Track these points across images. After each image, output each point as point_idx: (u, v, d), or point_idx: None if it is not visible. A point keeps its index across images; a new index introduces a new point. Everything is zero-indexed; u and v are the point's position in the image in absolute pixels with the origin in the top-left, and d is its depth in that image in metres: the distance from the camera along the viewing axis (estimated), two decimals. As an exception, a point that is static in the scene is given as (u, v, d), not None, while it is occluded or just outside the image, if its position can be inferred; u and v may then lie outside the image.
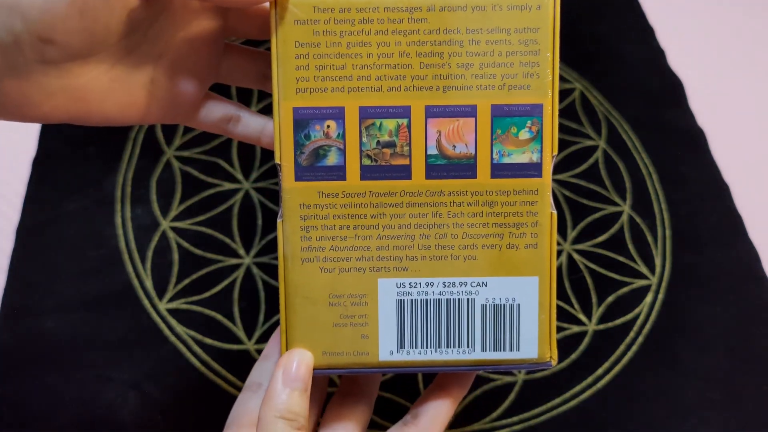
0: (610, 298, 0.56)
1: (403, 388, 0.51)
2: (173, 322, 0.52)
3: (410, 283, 0.30)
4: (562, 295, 0.56)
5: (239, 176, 0.60)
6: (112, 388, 0.48)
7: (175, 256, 0.55)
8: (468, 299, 0.30)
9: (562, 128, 0.66)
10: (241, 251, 0.56)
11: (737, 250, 0.60)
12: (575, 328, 0.55)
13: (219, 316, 0.53)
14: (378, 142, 0.29)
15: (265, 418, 0.28)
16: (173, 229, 0.57)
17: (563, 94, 0.69)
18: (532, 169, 0.29)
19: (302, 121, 0.29)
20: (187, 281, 0.54)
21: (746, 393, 0.52)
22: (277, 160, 0.29)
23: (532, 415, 0.50)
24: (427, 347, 0.30)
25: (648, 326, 0.55)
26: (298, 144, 0.29)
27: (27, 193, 0.57)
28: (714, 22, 0.80)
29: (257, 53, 0.32)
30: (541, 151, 0.29)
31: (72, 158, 0.59)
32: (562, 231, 0.60)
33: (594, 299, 0.56)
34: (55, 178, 0.58)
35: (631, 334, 0.55)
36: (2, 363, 0.49)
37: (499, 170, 0.29)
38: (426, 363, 0.30)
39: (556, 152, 0.30)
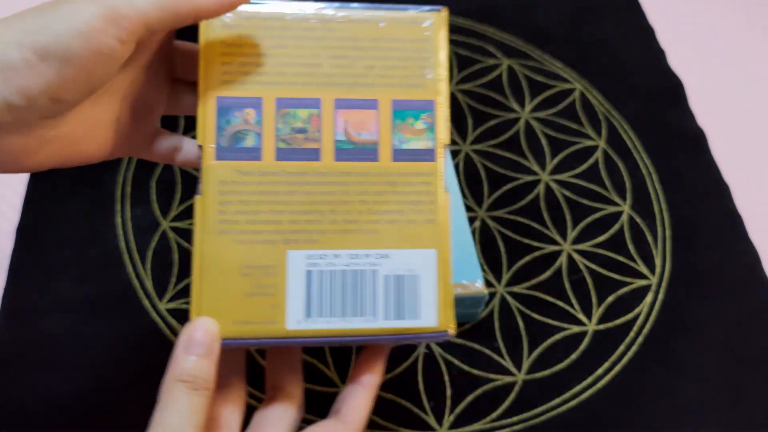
0: (610, 298, 0.57)
1: (404, 389, 0.51)
2: (173, 322, 0.52)
3: (319, 255, 0.32)
4: (562, 295, 0.56)
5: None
6: (113, 388, 0.48)
7: (175, 257, 0.55)
8: (372, 270, 0.32)
9: (563, 128, 0.67)
10: (241, 251, 0.56)
11: (737, 250, 0.60)
12: (575, 328, 0.55)
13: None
14: (292, 128, 0.33)
15: (166, 383, 0.29)
16: (173, 229, 0.57)
17: (565, 93, 0.69)
18: (427, 155, 0.33)
19: (224, 108, 0.32)
20: (187, 281, 0.54)
21: (746, 393, 0.52)
22: (199, 142, 0.32)
23: (532, 415, 0.50)
24: (332, 316, 0.32)
25: (648, 326, 0.55)
26: (220, 128, 0.32)
27: (27, 193, 0.57)
28: (714, 22, 0.80)
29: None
30: (435, 140, 0.33)
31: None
32: (562, 231, 0.60)
33: (594, 299, 0.56)
34: (54, 178, 0.58)
35: (631, 334, 0.55)
36: (2, 362, 0.49)
37: (399, 155, 0.33)
38: (332, 332, 0.32)
39: (448, 141, 0.34)
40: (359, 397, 0.33)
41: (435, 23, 0.34)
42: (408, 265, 0.33)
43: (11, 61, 0.28)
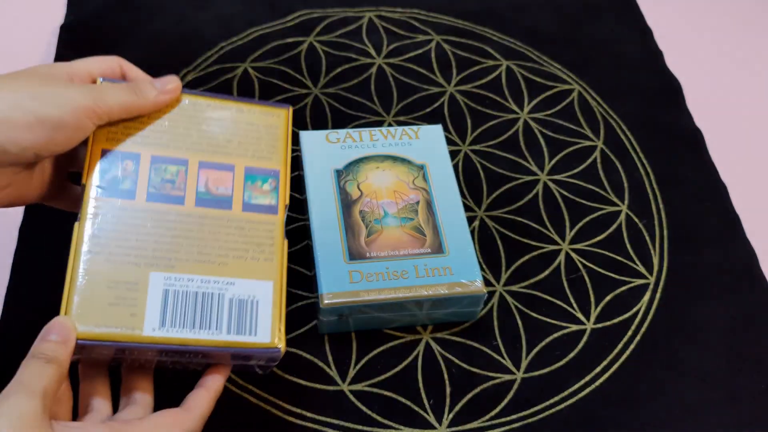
0: (608, 298, 0.57)
1: (404, 387, 0.51)
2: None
3: (175, 278, 0.39)
4: (560, 294, 0.57)
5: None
6: (113, 388, 0.49)
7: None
8: (219, 293, 0.39)
9: (561, 129, 0.67)
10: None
11: (735, 249, 0.61)
12: (573, 327, 0.55)
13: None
14: (162, 179, 0.41)
15: (24, 361, 0.35)
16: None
17: (563, 94, 0.70)
18: (271, 209, 0.42)
19: (107, 158, 0.40)
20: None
21: (744, 392, 0.53)
22: (83, 182, 0.40)
23: (530, 413, 0.51)
24: (183, 327, 0.38)
25: (646, 325, 0.56)
26: (102, 172, 0.40)
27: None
28: (711, 23, 0.80)
29: None
30: (278, 199, 0.42)
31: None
32: (560, 231, 0.60)
33: (592, 298, 0.57)
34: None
35: (629, 333, 0.55)
36: (5, 362, 0.49)
37: (248, 207, 0.42)
38: (183, 341, 0.38)
39: (287, 202, 0.43)
40: (202, 396, 0.39)
41: (283, 115, 0.45)
42: (249, 292, 0.39)
43: (14, 119, 0.36)
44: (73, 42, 0.68)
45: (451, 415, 0.50)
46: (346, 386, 0.51)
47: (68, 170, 0.45)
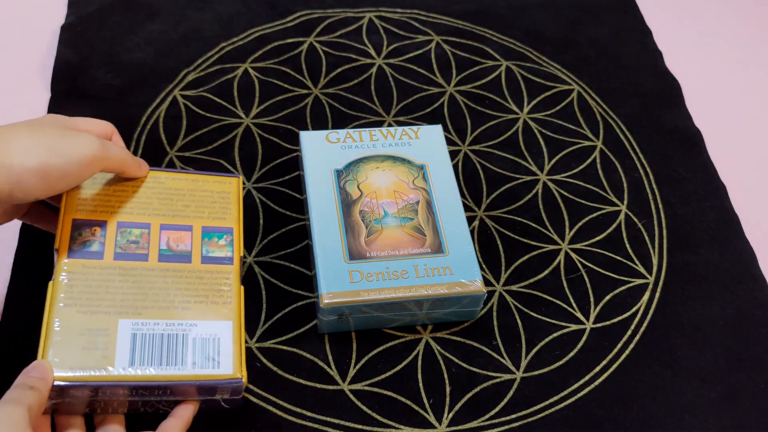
0: (607, 297, 0.57)
1: (404, 386, 0.51)
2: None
3: (142, 323, 0.43)
4: (560, 293, 0.57)
5: (243, 178, 0.61)
6: None
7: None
8: (183, 334, 0.43)
9: (561, 129, 0.67)
10: (243, 251, 0.57)
11: (733, 249, 0.61)
12: (573, 327, 0.55)
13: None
14: (128, 240, 0.46)
15: (7, 392, 0.38)
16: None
17: (562, 94, 0.70)
18: (228, 261, 0.47)
19: (77, 226, 0.45)
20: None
21: (743, 391, 0.53)
22: (56, 246, 0.44)
23: (530, 412, 0.51)
24: (151, 364, 0.42)
25: (645, 325, 0.56)
26: (72, 238, 0.44)
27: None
28: (711, 23, 0.80)
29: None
30: (233, 252, 0.47)
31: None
32: (560, 230, 0.60)
33: (591, 298, 0.57)
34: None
35: (629, 333, 0.55)
36: (5, 362, 0.49)
37: (206, 260, 0.46)
38: (151, 377, 0.41)
39: (242, 254, 0.48)
40: (174, 422, 0.43)
41: (234, 182, 0.51)
42: (211, 331, 0.44)
43: (27, 167, 0.39)
44: (74, 42, 0.68)
45: (450, 415, 0.50)
46: (346, 386, 0.51)
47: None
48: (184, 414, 0.43)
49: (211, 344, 0.43)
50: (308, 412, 0.50)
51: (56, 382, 0.40)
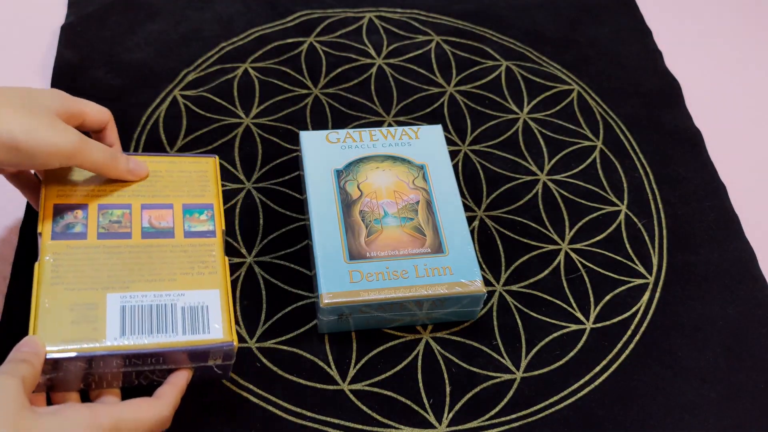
0: (607, 297, 0.57)
1: (404, 386, 0.51)
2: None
3: (130, 296, 0.44)
4: (560, 293, 0.57)
5: (241, 176, 0.61)
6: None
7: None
8: (172, 304, 0.44)
9: (561, 129, 0.67)
10: (243, 250, 0.57)
11: (733, 249, 0.61)
12: (573, 327, 0.55)
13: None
14: (110, 221, 0.47)
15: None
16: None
17: (562, 94, 0.70)
18: (210, 234, 0.48)
19: (58, 210, 0.46)
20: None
21: (742, 391, 0.53)
22: (39, 230, 0.45)
23: (530, 412, 0.51)
24: (142, 334, 0.42)
25: (645, 325, 0.56)
26: (55, 222, 0.45)
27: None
28: (711, 23, 0.80)
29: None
30: (214, 226, 0.48)
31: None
32: (560, 230, 0.60)
33: (591, 298, 0.57)
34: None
35: (629, 333, 0.55)
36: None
37: (189, 234, 0.47)
38: (142, 346, 0.42)
39: (224, 228, 0.49)
40: (169, 389, 0.43)
41: (211, 162, 0.52)
42: (199, 299, 0.45)
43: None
44: (74, 42, 0.68)
45: (450, 415, 0.50)
46: (346, 386, 0.51)
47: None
48: (178, 381, 0.44)
49: (200, 312, 0.44)
50: (308, 412, 0.50)
51: (49, 355, 0.40)
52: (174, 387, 0.43)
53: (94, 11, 0.70)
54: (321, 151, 0.58)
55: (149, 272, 0.45)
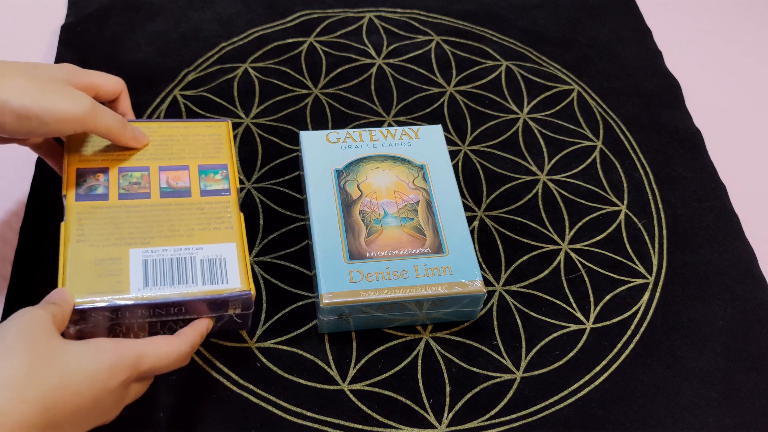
0: (607, 297, 0.57)
1: (404, 386, 0.51)
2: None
3: (151, 251, 0.46)
4: (560, 293, 0.57)
5: (241, 176, 0.61)
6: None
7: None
8: (191, 257, 0.46)
9: (561, 129, 0.67)
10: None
11: (734, 249, 0.61)
12: (573, 327, 0.55)
13: (221, 315, 0.53)
14: (129, 182, 0.49)
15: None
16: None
17: (562, 94, 0.70)
18: (225, 192, 0.50)
19: (81, 174, 0.49)
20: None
21: (742, 391, 0.53)
22: (63, 192, 0.48)
23: (530, 412, 0.51)
24: (164, 285, 0.45)
25: (645, 325, 0.56)
26: (78, 185, 0.48)
27: (31, 191, 0.58)
28: (710, 23, 0.80)
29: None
30: (229, 184, 0.50)
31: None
32: (560, 230, 0.60)
33: (591, 298, 0.57)
34: (59, 179, 0.59)
35: (628, 333, 0.55)
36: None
37: (205, 193, 0.50)
38: (165, 296, 0.44)
39: (238, 186, 0.51)
40: (189, 330, 0.45)
41: (224, 126, 0.54)
42: (217, 252, 0.47)
43: (10, 106, 0.42)
44: (74, 42, 0.68)
45: (450, 415, 0.50)
46: (347, 386, 0.51)
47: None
48: (197, 324, 0.46)
49: (218, 263, 0.46)
50: (308, 412, 0.50)
51: (78, 306, 0.43)
52: (193, 329, 0.45)
53: (94, 11, 0.70)
54: (321, 151, 0.58)
55: (168, 229, 0.47)
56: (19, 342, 0.37)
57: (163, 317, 0.45)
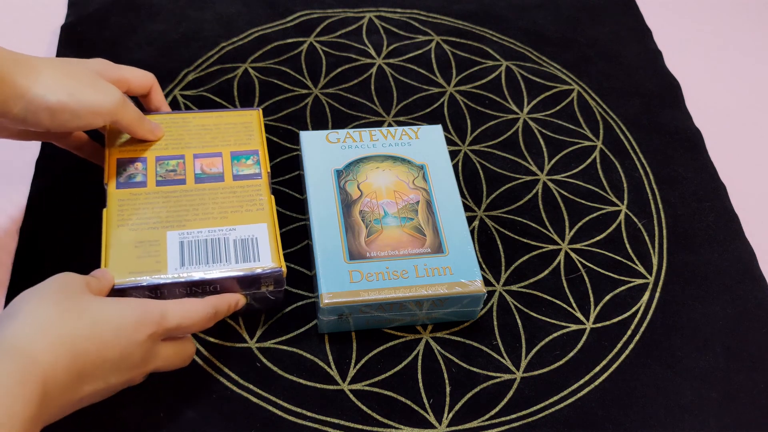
0: (607, 297, 0.57)
1: (404, 386, 0.51)
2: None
3: (187, 233, 0.49)
4: (560, 293, 0.57)
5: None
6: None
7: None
8: (224, 237, 0.49)
9: (561, 129, 0.67)
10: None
11: (734, 249, 0.61)
12: (573, 327, 0.55)
13: (221, 315, 0.53)
14: (166, 170, 0.52)
15: None
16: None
17: (562, 94, 0.70)
18: (257, 176, 0.53)
19: (121, 164, 0.52)
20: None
21: (742, 391, 0.53)
22: (105, 181, 0.51)
23: (530, 412, 0.51)
24: (199, 264, 0.48)
25: (645, 325, 0.56)
26: (119, 174, 0.52)
27: (31, 191, 0.58)
28: (711, 23, 0.80)
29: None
30: (260, 169, 0.53)
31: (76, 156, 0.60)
32: (560, 230, 0.60)
33: (591, 298, 0.57)
34: (58, 179, 0.59)
35: (628, 333, 0.55)
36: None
37: (238, 177, 0.53)
38: (200, 274, 0.47)
39: (269, 170, 0.54)
40: (214, 297, 0.47)
41: (255, 114, 0.57)
42: (249, 233, 0.50)
43: (45, 102, 0.44)
44: (74, 42, 0.68)
45: (450, 415, 0.50)
46: (347, 386, 0.51)
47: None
48: (226, 294, 0.48)
49: (251, 243, 0.49)
50: (308, 412, 0.50)
51: (118, 285, 0.46)
52: (220, 296, 0.47)
53: (94, 11, 0.70)
54: (321, 151, 0.58)
55: (203, 212, 0.50)
56: (53, 294, 0.40)
57: (199, 295, 0.48)
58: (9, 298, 0.52)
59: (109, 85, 0.48)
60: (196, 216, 0.50)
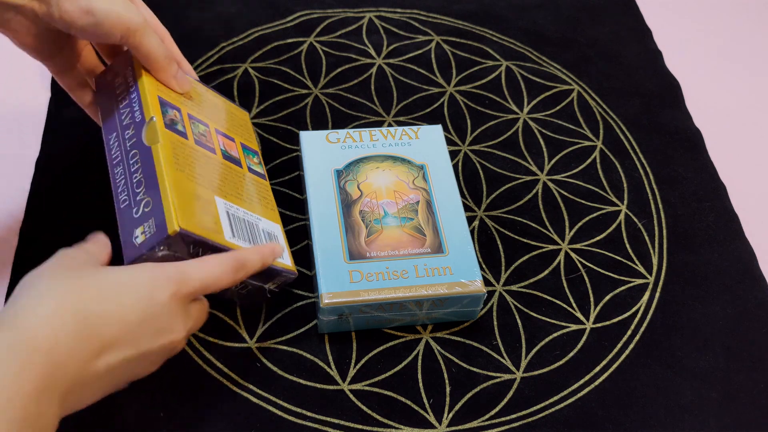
0: (607, 297, 0.57)
1: (404, 386, 0.51)
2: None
3: (230, 205, 0.47)
4: (560, 293, 0.57)
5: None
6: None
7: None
8: (256, 223, 0.49)
9: (561, 129, 0.67)
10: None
11: (734, 249, 0.61)
12: (573, 327, 0.55)
13: (222, 315, 0.53)
14: (199, 132, 0.49)
15: None
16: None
17: (562, 94, 0.70)
18: (264, 177, 0.53)
19: (163, 103, 0.47)
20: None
21: (742, 391, 0.53)
22: (152, 114, 0.46)
23: (530, 412, 0.51)
24: (244, 241, 0.46)
25: (645, 325, 0.56)
26: (163, 113, 0.47)
27: (30, 192, 0.58)
28: (710, 23, 0.80)
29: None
30: (263, 171, 0.54)
31: (76, 156, 0.60)
32: (560, 230, 0.60)
33: (591, 298, 0.57)
34: (56, 180, 0.59)
35: (628, 333, 0.55)
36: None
37: (251, 171, 0.52)
38: (244, 250, 0.45)
39: (265, 175, 0.54)
40: (231, 252, 0.45)
41: (246, 115, 0.57)
42: (270, 228, 0.50)
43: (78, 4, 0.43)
44: (74, 42, 0.68)
45: (450, 415, 0.50)
46: (346, 385, 0.51)
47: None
48: (265, 247, 0.46)
49: (274, 239, 0.49)
50: (308, 412, 0.50)
51: (182, 231, 0.41)
52: (249, 249, 0.45)
53: (94, 11, 0.70)
54: (321, 151, 0.58)
55: (236, 191, 0.49)
56: (52, 267, 0.39)
57: None
58: (9, 298, 0.52)
59: (139, 9, 0.47)
60: (231, 191, 0.48)
